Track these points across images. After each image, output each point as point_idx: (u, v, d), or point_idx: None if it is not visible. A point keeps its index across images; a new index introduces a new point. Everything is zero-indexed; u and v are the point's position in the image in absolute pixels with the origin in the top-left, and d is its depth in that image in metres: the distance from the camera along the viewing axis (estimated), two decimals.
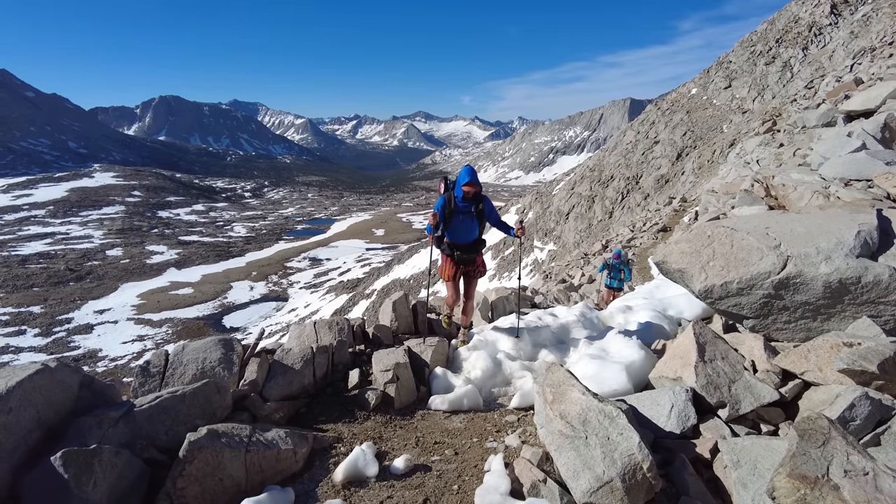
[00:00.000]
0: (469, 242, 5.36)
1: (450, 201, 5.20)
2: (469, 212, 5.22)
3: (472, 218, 5.24)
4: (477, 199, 5.23)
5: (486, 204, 5.29)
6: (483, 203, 5.25)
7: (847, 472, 2.09)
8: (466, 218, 5.24)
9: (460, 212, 5.20)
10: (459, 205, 5.20)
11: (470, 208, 5.22)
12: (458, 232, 5.31)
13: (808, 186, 6.20)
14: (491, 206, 5.32)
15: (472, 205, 5.22)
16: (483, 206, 5.24)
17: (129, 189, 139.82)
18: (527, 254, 51.60)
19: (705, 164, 35.67)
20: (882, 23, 32.02)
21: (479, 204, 5.23)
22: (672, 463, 2.89)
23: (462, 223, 5.25)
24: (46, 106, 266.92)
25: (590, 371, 4.20)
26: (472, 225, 5.28)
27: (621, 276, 10.74)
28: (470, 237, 5.34)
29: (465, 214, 5.22)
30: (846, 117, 9.30)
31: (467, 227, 5.28)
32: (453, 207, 5.18)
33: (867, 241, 3.43)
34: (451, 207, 5.18)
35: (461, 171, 5.26)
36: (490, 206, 5.31)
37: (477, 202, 5.23)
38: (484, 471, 3.28)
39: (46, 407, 3.10)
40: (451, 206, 5.18)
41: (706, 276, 3.82)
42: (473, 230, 5.32)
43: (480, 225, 5.33)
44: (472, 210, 5.22)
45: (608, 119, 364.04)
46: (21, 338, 55.28)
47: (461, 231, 5.30)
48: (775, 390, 3.19)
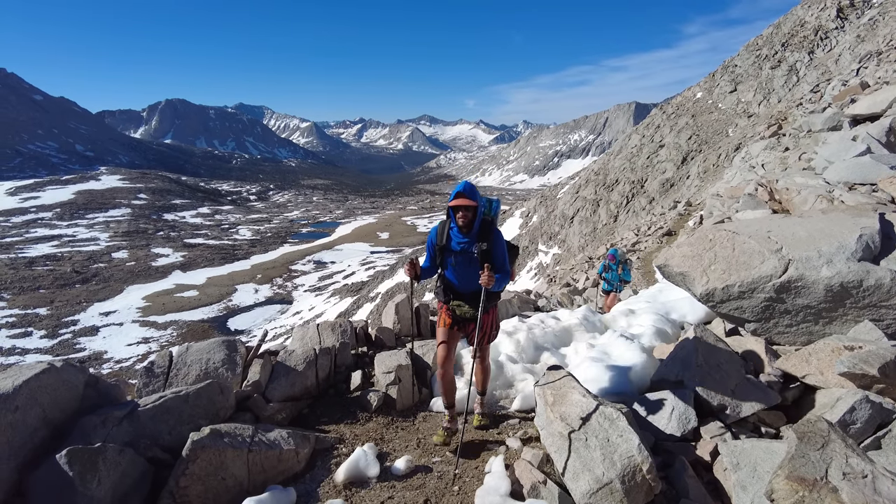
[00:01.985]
0: (471, 292, 3.81)
1: (442, 234, 3.80)
2: (469, 252, 3.69)
3: (471, 261, 3.70)
4: (484, 233, 3.70)
5: (497, 243, 3.72)
6: (492, 241, 3.69)
7: (846, 474, 2.09)
8: (463, 260, 3.73)
9: (456, 252, 3.73)
10: (455, 243, 3.74)
11: (470, 247, 3.68)
12: (455, 275, 3.85)
13: (811, 190, 6.19)
14: (503, 247, 3.78)
15: (474, 242, 3.69)
16: (492, 245, 3.67)
17: (136, 192, 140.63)
18: (531, 257, 51.54)
19: (710, 168, 35.58)
20: (889, 26, 31.90)
21: (485, 241, 3.67)
22: (672, 465, 2.89)
23: (460, 266, 3.77)
24: (54, 109, 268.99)
25: (591, 374, 4.21)
26: (473, 270, 3.70)
27: (619, 278, 10.30)
28: (471, 285, 3.77)
29: (463, 256, 3.72)
30: (852, 121, 9.28)
31: (466, 272, 3.76)
32: (445, 244, 3.76)
33: (869, 245, 3.43)
34: (442, 243, 3.77)
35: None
36: (502, 247, 3.76)
37: (483, 237, 3.68)
38: (485, 472, 3.30)
39: (52, 406, 3.13)
40: (442, 241, 3.77)
41: (708, 279, 3.83)
42: (474, 276, 3.68)
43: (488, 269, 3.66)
44: (474, 250, 3.66)
45: (613, 123, 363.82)
46: (27, 339, 55.59)
47: (460, 276, 3.82)
48: (776, 393, 3.19)
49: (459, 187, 3.64)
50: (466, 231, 3.67)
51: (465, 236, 3.70)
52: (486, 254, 3.65)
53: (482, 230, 3.72)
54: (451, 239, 3.76)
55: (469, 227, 3.65)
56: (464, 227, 3.63)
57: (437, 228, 3.86)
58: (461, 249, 3.72)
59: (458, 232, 3.72)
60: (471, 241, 3.70)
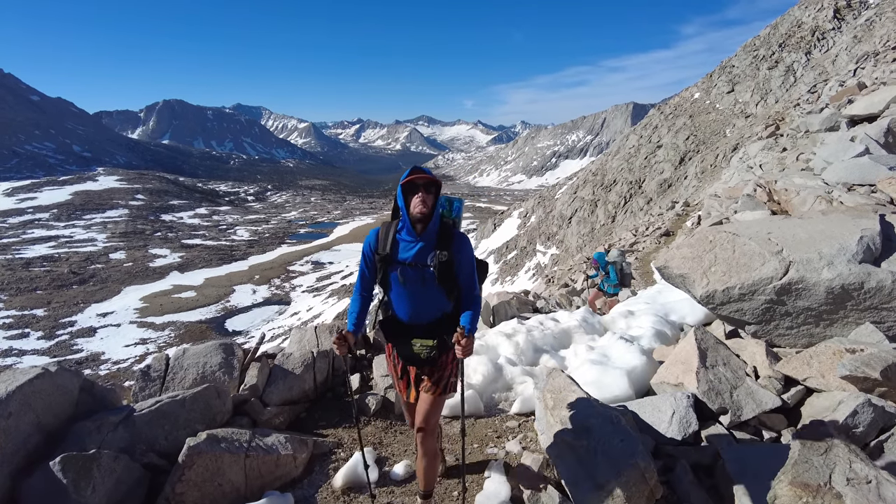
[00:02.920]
0: (427, 323, 2.78)
1: (385, 238, 2.73)
2: (422, 265, 2.66)
3: (426, 278, 2.67)
4: (444, 238, 2.69)
5: (463, 252, 2.73)
6: (456, 249, 2.69)
7: (850, 479, 2.07)
8: (415, 276, 2.67)
9: (405, 264, 2.67)
10: (404, 251, 2.69)
11: (425, 257, 2.66)
12: (405, 300, 2.75)
13: (810, 191, 6.18)
14: (471, 259, 2.78)
15: (431, 250, 2.67)
16: (453, 253, 2.67)
17: (133, 192, 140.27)
18: (529, 258, 51.54)
19: (708, 169, 35.61)
20: (885, 27, 31.97)
21: (445, 249, 2.66)
22: (673, 469, 2.87)
23: (411, 286, 2.69)
24: (51, 110, 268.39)
25: (591, 377, 4.18)
26: (430, 291, 2.70)
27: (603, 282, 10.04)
28: (427, 313, 2.77)
29: (414, 271, 2.66)
30: (849, 122, 9.27)
31: (420, 293, 2.71)
32: (390, 253, 2.69)
33: (870, 247, 3.41)
34: (385, 252, 2.69)
35: None
36: (470, 258, 2.76)
37: (442, 244, 2.68)
38: (484, 477, 3.27)
39: (46, 411, 3.10)
40: (385, 249, 2.70)
41: (708, 281, 3.80)
42: (433, 299, 2.73)
43: (448, 289, 2.71)
44: (430, 262, 2.65)
45: (611, 123, 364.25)
46: (24, 341, 55.37)
47: (411, 299, 2.74)
48: (777, 396, 3.17)
49: (415, 166, 2.69)
50: (422, 228, 2.62)
51: (417, 239, 2.64)
52: (446, 268, 2.63)
53: (442, 234, 2.69)
54: (398, 245, 2.68)
55: (425, 223, 2.61)
56: (420, 220, 2.59)
57: (376, 232, 2.78)
58: (412, 261, 2.65)
59: (408, 233, 2.65)
60: (426, 247, 2.65)
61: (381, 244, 2.73)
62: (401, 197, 2.66)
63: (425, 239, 2.67)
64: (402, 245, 2.69)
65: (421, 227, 2.64)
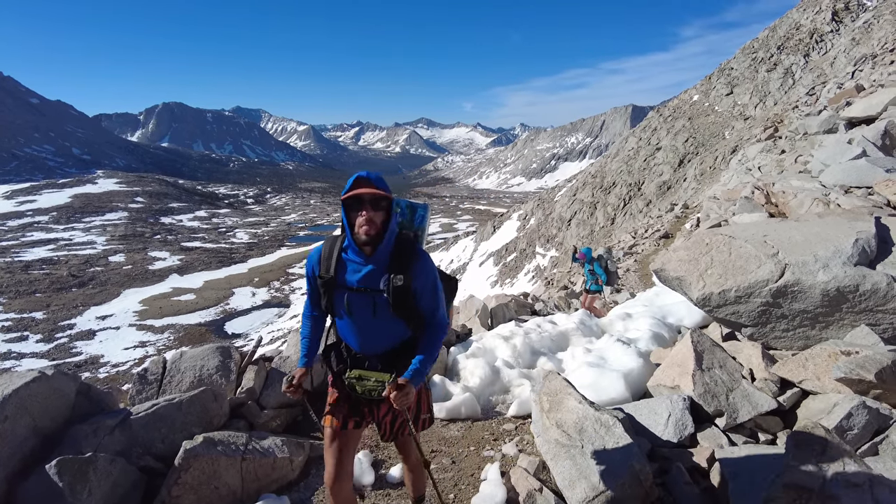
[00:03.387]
0: (379, 354, 2.35)
1: (327, 259, 2.30)
2: (374, 291, 2.23)
3: (377, 306, 2.24)
4: (400, 257, 2.25)
5: (424, 273, 2.28)
6: (415, 272, 2.25)
7: (844, 482, 2.08)
8: (364, 303, 2.24)
9: (353, 289, 2.25)
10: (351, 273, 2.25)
11: (377, 282, 2.23)
12: (354, 330, 2.33)
13: (808, 194, 6.19)
14: (435, 282, 2.33)
15: (383, 272, 2.24)
16: (413, 279, 2.24)
17: (132, 195, 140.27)
18: (528, 260, 51.55)
19: (707, 171, 35.66)
20: (883, 30, 32.06)
21: (401, 271, 2.22)
22: (669, 472, 2.87)
23: (360, 314, 2.27)
24: (50, 112, 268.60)
25: (588, 379, 4.19)
26: (383, 320, 2.27)
27: (593, 277, 9.90)
28: (380, 341, 2.34)
29: (364, 297, 2.24)
30: (847, 124, 9.30)
31: (370, 323, 2.28)
32: (334, 276, 2.26)
33: (865, 250, 3.42)
34: (329, 274, 2.27)
35: None
36: (433, 282, 2.32)
37: (398, 265, 2.23)
38: (480, 480, 3.28)
39: (42, 415, 3.10)
40: (329, 272, 2.27)
41: (704, 283, 3.81)
42: (386, 329, 2.32)
43: (406, 317, 2.29)
44: (383, 287, 2.23)
45: (610, 126, 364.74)
46: (23, 344, 55.29)
47: (360, 329, 2.31)
48: (773, 399, 3.17)
49: (363, 173, 2.18)
50: (371, 250, 2.19)
51: (367, 261, 2.21)
52: (402, 294, 2.19)
53: (398, 253, 2.23)
54: (345, 267, 2.26)
55: (375, 243, 2.16)
56: (367, 242, 2.14)
57: (319, 250, 2.35)
58: (360, 286, 2.22)
59: (356, 253, 2.22)
60: (377, 270, 2.22)
61: (324, 265, 2.28)
62: (344, 214, 2.20)
63: (376, 259, 2.21)
64: (349, 267, 2.25)
65: (370, 248, 2.19)
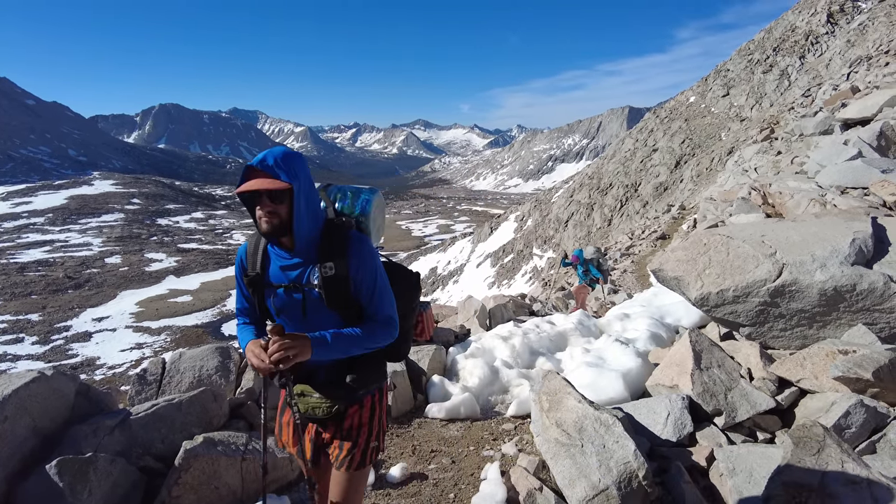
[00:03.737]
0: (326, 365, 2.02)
1: (253, 254, 2.01)
2: (304, 287, 1.92)
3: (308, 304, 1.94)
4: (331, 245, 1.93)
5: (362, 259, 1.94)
6: (350, 261, 1.91)
7: (842, 480, 2.09)
8: (295, 303, 1.95)
9: (277, 285, 1.95)
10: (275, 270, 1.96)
11: (304, 274, 1.93)
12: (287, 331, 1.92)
13: (804, 194, 6.23)
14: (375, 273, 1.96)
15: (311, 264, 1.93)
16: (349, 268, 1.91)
17: (129, 197, 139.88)
18: (526, 261, 51.60)
19: (704, 172, 35.76)
20: (878, 31, 32.25)
21: (331, 259, 1.89)
22: (668, 471, 2.88)
23: (289, 315, 1.99)
24: (46, 114, 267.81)
25: (587, 379, 4.20)
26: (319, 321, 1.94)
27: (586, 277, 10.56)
28: None
29: (293, 294, 1.94)
30: (843, 125, 9.35)
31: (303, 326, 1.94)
32: (260, 273, 1.97)
33: (862, 249, 3.44)
34: (255, 271, 1.98)
35: None
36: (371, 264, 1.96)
37: (327, 254, 1.91)
38: (480, 479, 3.28)
39: (42, 415, 3.09)
40: (255, 268, 1.98)
41: (702, 283, 3.83)
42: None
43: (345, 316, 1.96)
44: (315, 281, 1.90)
45: (607, 127, 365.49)
46: (19, 346, 55.04)
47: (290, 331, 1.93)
48: (771, 398, 3.19)
49: (256, 159, 1.82)
50: (290, 242, 1.91)
51: (292, 254, 1.93)
52: (336, 285, 1.87)
53: (326, 240, 1.92)
54: (271, 262, 1.97)
55: (279, 233, 1.84)
56: (271, 232, 1.82)
57: (246, 245, 2.07)
58: (287, 282, 1.92)
59: (280, 246, 1.94)
60: (304, 262, 1.91)
61: (251, 261, 1.99)
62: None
63: (301, 251, 1.91)
64: (274, 261, 1.95)
65: (287, 239, 1.90)
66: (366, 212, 2.12)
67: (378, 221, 2.23)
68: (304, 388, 2.02)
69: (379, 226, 2.26)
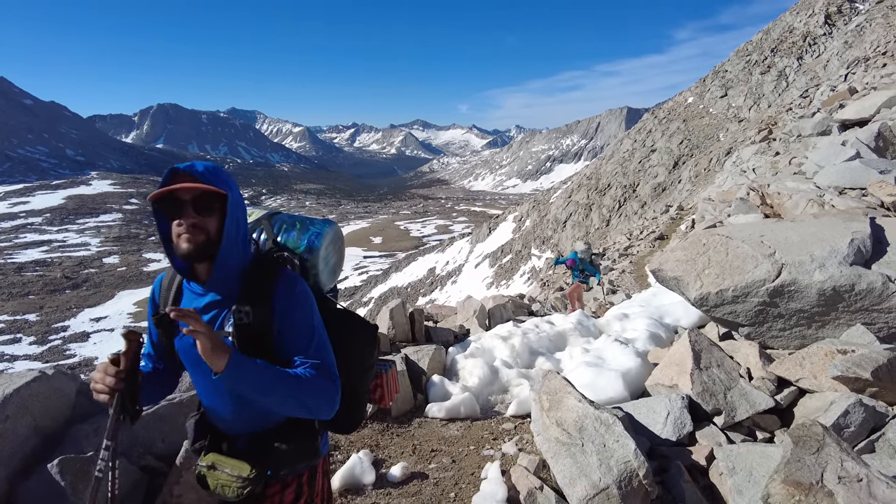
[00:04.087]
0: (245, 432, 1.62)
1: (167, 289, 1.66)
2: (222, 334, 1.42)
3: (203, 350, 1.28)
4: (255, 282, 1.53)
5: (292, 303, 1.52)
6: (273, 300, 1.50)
7: (841, 478, 2.10)
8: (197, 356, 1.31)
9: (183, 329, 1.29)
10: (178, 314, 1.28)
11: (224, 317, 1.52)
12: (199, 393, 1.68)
13: (802, 195, 6.25)
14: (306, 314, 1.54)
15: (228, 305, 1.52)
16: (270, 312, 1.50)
17: (127, 196, 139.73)
18: (524, 262, 51.62)
19: (702, 173, 35.82)
20: (875, 33, 32.34)
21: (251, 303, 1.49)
22: (668, 470, 2.89)
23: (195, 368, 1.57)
24: (44, 113, 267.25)
25: (586, 379, 4.21)
26: None
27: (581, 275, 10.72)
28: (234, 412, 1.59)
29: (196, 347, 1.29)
30: (841, 126, 9.37)
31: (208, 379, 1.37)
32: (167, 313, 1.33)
33: (860, 249, 3.46)
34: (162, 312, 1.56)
35: None
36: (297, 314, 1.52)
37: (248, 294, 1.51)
38: (481, 478, 3.29)
39: (43, 414, 3.09)
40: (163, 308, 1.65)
41: (701, 283, 3.84)
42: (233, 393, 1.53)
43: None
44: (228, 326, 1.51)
45: (605, 128, 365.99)
46: (16, 346, 54.98)
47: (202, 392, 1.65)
48: (770, 397, 3.20)
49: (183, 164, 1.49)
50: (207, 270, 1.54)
51: (205, 290, 1.56)
52: (250, 334, 1.50)
53: (253, 275, 1.56)
54: (182, 299, 1.62)
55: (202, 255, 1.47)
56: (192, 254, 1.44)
57: (161, 278, 1.72)
58: None
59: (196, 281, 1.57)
60: (220, 301, 1.55)
61: (163, 297, 1.66)
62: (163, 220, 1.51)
63: (219, 285, 1.53)
64: (187, 299, 1.59)
65: (204, 268, 1.52)
66: (314, 247, 1.73)
67: (331, 261, 1.84)
68: (217, 458, 1.55)
69: (333, 266, 1.86)
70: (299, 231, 1.77)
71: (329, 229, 1.82)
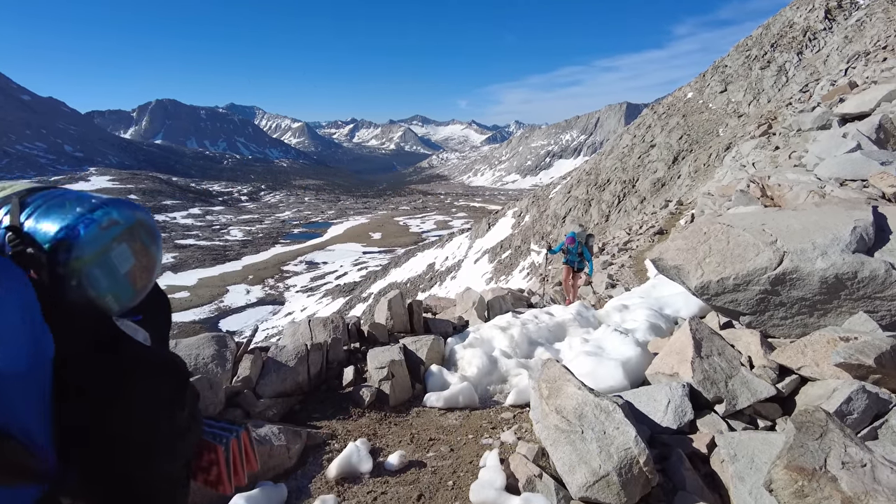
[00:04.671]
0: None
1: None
2: None
3: None
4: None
5: None
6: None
7: (845, 463, 2.07)
8: None
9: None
10: None
11: None
12: None
13: (803, 186, 6.21)
14: None
15: None
16: None
17: (126, 193, 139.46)
18: (523, 257, 51.61)
19: (701, 168, 35.78)
20: (876, 27, 32.25)
21: None
22: (669, 458, 2.86)
23: None
24: (42, 109, 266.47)
25: (586, 368, 4.18)
26: None
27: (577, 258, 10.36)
28: None
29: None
30: (841, 120, 9.34)
31: None
32: None
33: (863, 237, 3.43)
34: None
35: None
36: None
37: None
38: (479, 467, 3.26)
39: None
40: None
41: (702, 272, 3.81)
42: None
43: None
44: None
45: (605, 123, 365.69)
46: None
47: None
48: (772, 385, 3.17)
49: None
50: None
51: None
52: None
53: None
54: None
55: None
56: None
57: None
58: None
59: None
60: None
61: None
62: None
63: None
64: None
65: None
66: (73, 241, 1.06)
67: (121, 266, 1.14)
68: None
69: (127, 274, 1.15)
70: (58, 214, 1.09)
71: (120, 214, 1.15)
